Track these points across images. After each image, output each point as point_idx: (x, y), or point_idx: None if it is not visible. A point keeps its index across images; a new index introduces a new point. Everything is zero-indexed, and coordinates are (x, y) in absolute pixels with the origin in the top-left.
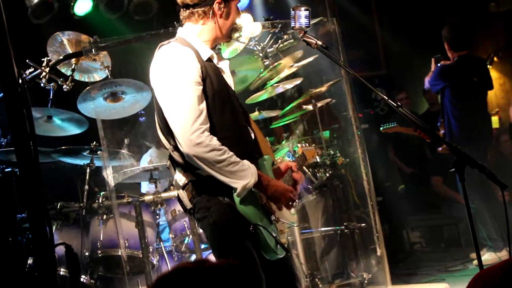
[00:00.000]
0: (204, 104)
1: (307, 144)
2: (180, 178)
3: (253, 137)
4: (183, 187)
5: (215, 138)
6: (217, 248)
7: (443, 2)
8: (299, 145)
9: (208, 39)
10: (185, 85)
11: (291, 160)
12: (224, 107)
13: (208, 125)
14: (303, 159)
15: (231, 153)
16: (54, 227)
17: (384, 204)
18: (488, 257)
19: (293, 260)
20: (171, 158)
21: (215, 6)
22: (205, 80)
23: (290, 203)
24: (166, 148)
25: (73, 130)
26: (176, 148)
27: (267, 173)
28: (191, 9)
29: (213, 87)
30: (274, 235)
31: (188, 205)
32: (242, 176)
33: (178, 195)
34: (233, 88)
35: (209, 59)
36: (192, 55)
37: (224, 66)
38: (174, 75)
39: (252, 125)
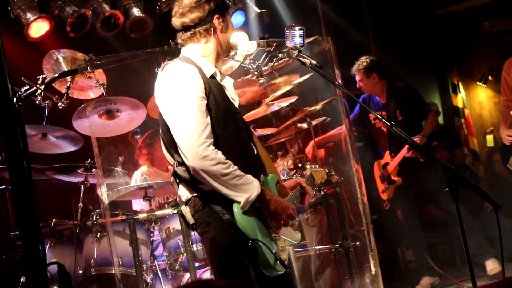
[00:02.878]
0: (208, 119)
1: (316, 166)
2: (183, 193)
3: (256, 152)
4: (186, 203)
5: (220, 152)
6: (214, 263)
7: (438, 21)
8: (308, 166)
9: (211, 56)
10: (189, 100)
11: (286, 178)
12: (227, 122)
13: (212, 139)
14: (311, 180)
15: (236, 167)
16: (47, 245)
17: (379, 223)
18: (493, 265)
19: (295, 277)
20: (175, 174)
21: (215, 21)
22: (209, 96)
23: (290, 220)
24: (170, 165)
25: (68, 147)
26: (180, 163)
27: (271, 190)
28: (192, 30)
29: (216, 103)
30: (274, 251)
31: (191, 220)
32: (246, 189)
33: (181, 210)
34: (236, 104)
35: (212, 76)
36: (195, 72)
37: (227, 83)
38: (179, 91)
39: (256, 143)
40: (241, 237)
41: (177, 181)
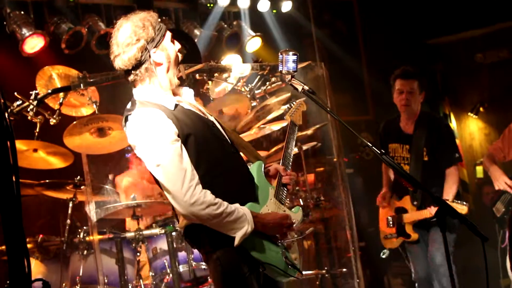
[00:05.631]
0: (187, 160)
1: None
2: (183, 219)
3: (244, 159)
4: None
5: (208, 192)
6: (219, 283)
7: (431, 50)
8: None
9: (165, 88)
10: (163, 148)
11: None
12: (208, 143)
13: (196, 178)
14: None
15: (226, 203)
16: (34, 261)
17: (367, 250)
18: None
19: None
20: (172, 205)
21: (153, 56)
22: (182, 129)
23: (289, 228)
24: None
25: (58, 164)
26: None
27: (260, 179)
28: (132, 72)
29: (190, 132)
30: (284, 257)
31: (195, 240)
32: (239, 223)
33: (170, 231)
34: (210, 118)
35: (176, 105)
36: (159, 115)
37: (190, 100)
38: (150, 142)
39: (234, 139)
40: (246, 257)
41: (175, 211)
